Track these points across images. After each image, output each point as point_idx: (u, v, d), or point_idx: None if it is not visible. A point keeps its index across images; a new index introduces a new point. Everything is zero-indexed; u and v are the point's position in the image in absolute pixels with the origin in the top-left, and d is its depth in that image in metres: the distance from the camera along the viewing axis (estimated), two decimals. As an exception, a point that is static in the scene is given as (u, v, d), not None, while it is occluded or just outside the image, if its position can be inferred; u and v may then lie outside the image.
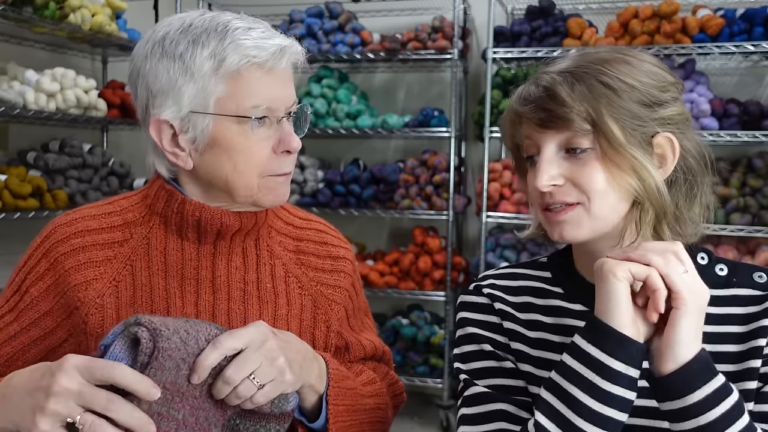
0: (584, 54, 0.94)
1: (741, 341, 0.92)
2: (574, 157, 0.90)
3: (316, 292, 1.15)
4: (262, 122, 1.01)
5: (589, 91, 0.88)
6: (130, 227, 1.09)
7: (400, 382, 1.27)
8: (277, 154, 1.04)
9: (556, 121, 0.89)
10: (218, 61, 0.98)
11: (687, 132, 0.94)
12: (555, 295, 1.01)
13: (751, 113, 3.24)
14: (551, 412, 0.84)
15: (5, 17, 2.61)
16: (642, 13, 3.32)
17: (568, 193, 0.91)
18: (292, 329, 1.11)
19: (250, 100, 1.00)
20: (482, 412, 0.96)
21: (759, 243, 3.33)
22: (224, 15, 1.03)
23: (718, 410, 0.79)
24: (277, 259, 1.14)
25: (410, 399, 1.44)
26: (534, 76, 0.95)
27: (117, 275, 1.06)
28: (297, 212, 1.23)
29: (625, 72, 0.90)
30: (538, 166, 0.91)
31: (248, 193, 1.04)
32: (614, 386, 0.81)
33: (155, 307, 1.06)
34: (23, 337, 1.05)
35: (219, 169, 1.03)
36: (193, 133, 1.02)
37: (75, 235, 1.07)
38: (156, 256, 1.07)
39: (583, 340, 0.84)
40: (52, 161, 2.90)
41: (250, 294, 1.10)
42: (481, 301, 1.03)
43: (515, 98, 0.95)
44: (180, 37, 1.01)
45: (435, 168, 3.73)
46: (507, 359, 1.00)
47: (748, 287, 0.95)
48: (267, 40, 1.00)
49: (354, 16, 3.87)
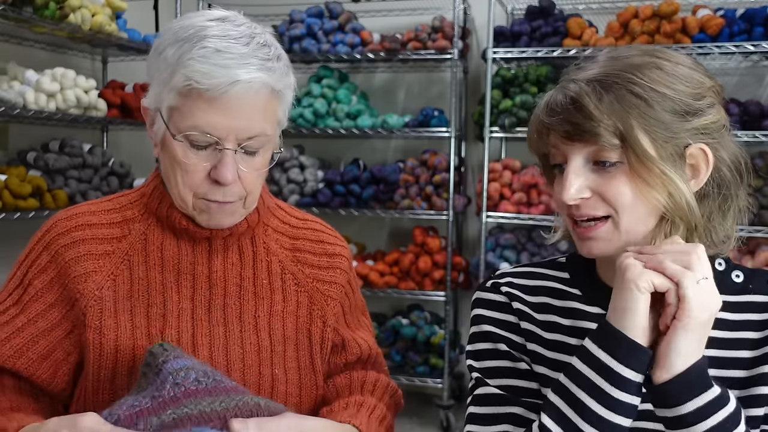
0: (614, 58, 0.90)
1: (755, 347, 0.91)
2: (602, 170, 0.87)
3: (312, 289, 1.16)
4: (205, 146, 1.00)
5: (618, 103, 0.84)
6: (129, 224, 1.11)
7: (399, 390, 1.27)
8: (210, 180, 1.02)
9: (583, 134, 0.86)
10: (172, 73, 0.98)
11: (723, 140, 0.90)
12: (573, 297, 0.99)
13: (751, 113, 3.24)
14: (558, 415, 0.84)
15: (5, 17, 2.61)
16: (642, 13, 3.32)
17: (596, 206, 0.88)
18: (288, 325, 1.12)
19: (190, 121, 0.99)
20: (492, 413, 0.95)
21: (759, 243, 3.33)
22: (217, 28, 1.00)
23: (711, 421, 0.79)
24: (274, 256, 1.15)
25: (410, 399, 1.44)
26: (562, 83, 0.92)
27: (115, 269, 1.07)
28: (294, 212, 1.23)
29: (657, 79, 0.85)
30: (565, 178, 0.89)
31: (184, 207, 1.06)
32: (623, 393, 0.81)
33: (151, 301, 1.07)
34: (31, 329, 1.05)
35: (165, 172, 1.06)
36: (156, 128, 1.04)
37: (75, 228, 1.08)
38: (153, 251, 1.09)
39: (594, 345, 0.83)
40: (52, 161, 2.90)
41: (246, 290, 1.11)
42: (498, 299, 1.02)
43: (542, 107, 0.92)
44: (170, 36, 1.01)
45: (435, 168, 3.72)
46: (522, 360, 0.98)
47: (764, 294, 0.94)
48: (222, 69, 0.96)
49: (354, 16, 3.87)
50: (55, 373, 1.06)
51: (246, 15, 1.06)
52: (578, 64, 0.93)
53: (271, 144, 1.06)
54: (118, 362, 1.04)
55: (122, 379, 1.03)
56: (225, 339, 1.08)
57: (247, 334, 1.09)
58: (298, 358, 1.12)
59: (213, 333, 1.08)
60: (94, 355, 1.04)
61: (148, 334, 1.05)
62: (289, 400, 1.10)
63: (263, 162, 1.05)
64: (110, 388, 1.04)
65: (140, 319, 1.06)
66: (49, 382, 1.06)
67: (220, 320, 1.09)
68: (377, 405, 1.16)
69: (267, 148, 1.05)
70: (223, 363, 1.07)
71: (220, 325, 1.08)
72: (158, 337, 1.05)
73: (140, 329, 1.05)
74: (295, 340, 1.13)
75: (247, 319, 1.10)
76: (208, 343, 1.07)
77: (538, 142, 0.94)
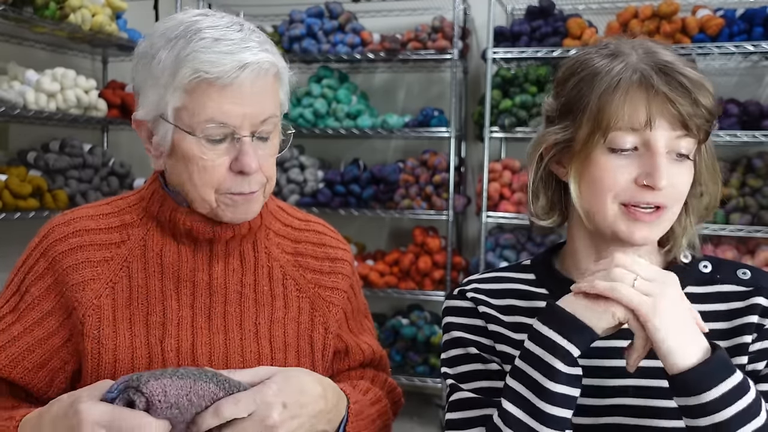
0: (669, 48, 0.92)
1: (726, 337, 0.92)
2: (676, 161, 0.90)
3: (313, 295, 1.14)
4: (220, 138, 0.99)
5: (709, 100, 0.88)
6: (128, 229, 1.09)
7: (398, 388, 1.27)
8: (233, 173, 1.01)
9: (694, 122, 0.87)
10: (173, 71, 0.97)
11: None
12: (539, 297, 1.01)
13: (751, 113, 3.24)
14: (516, 398, 0.86)
15: (5, 17, 2.61)
16: (642, 13, 3.32)
17: (663, 195, 0.89)
18: (290, 332, 1.11)
19: (203, 114, 0.97)
20: (467, 417, 0.97)
21: (759, 243, 3.33)
22: (206, 20, 1.00)
23: (734, 408, 0.78)
24: (275, 262, 1.13)
25: (410, 399, 1.44)
26: (647, 58, 0.89)
27: (114, 276, 1.05)
28: (295, 213, 1.22)
29: (708, 83, 0.89)
30: (657, 164, 0.87)
31: (206, 207, 1.03)
32: (566, 366, 0.83)
33: (151, 309, 1.05)
34: (27, 338, 1.04)
35: (178, 177, 1.03)
36: (159, 136, 1.02)
37: (73, 234, 1.06)
38: (152, 258, 1.07)
39: (541, 324, 0.86)
40: (52, 161, 2.90)
41: (247, 297, 1.09)
42: (465, 305, 1.04)
43: (645, 73, 0.88)
44: (159, 38, 0.99)
45: (435, 168, 3.73)
46: (493, 361, 1.00)
47: (732, 284, 0.95)
48: (227, 56, 0.95)
49: (354, 16, 3.87)
50: (51, 381, 1.05)
51: (246, 15, 1.06)
52: (645, 44, 0.93)
53: (279, 128, 1.06)
54: (116, 372, 1.02)
55: None
56: (225, 347, 1.06)
57: (248, 342, 1.08)
58: (299, 364, 1.10)
59: (213, 341, 1.06)
60: (93, 364, 1.02)
61: (147, 343, 1.04)
62: None
63: (275, 146, 1.06)
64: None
65: (139, 327, 1.04)
66: (45, 391, 1.05)
67: (221, 328, 1.07)
68: (371, 388, 1.16)
69: (276, 132, 1.05)
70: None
71: (221, 333, 1.06)
72: (157, 346, 1.03)
73: (139, 338, 1.03)
74: (296, 347, 1.11)
75: (248, 327, 1.08)
76: (208, 352, 1.05)
77: (599, 117, 0.89)
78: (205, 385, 0.87)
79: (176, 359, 1.04)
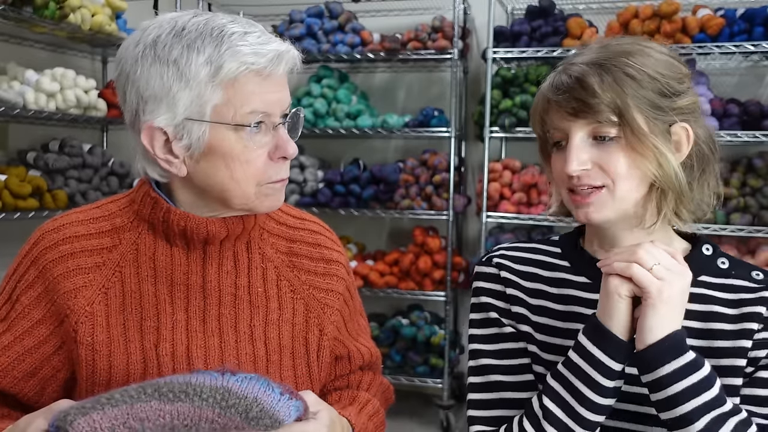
0: (608, 46, 1.00)
1: (734, 321, 0.99)
2: (601, 144, 0.97)
3: (308, 296, 1.14)
4: (258, 129, 1.00)
5: (617, 83, 0.95)
6: (119, 233, 1.07)
7: (390, 386, 1.28)
8: (273, 161, 1.02)
9: (587, 110, 0.96)
10: (215, 68, 0.96)
11: (699, 120, 1.01)
12: (562, 269, 1.09)
13: (751, 113, 3.24)
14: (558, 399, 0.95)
15: (5, 17, 2.61)
16: (642, 13, 3.32)
17: (594, 177, 0.98)
18: (284, 334, 1.10)
19: (247, 106, 0.98)
20: (485, 381, 1.08)
21: (759, 243, 3.33)
22: (218, 18, 1.00)
23: (686, 382, 0.89)
24: (269, 263, 1.12)
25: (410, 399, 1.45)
26: (563, 66, 1.02)
27: (106, 282, 1.04)
28: (290, 211, 1.21)
29: (647, 64, 0.96)
30: (568, 152, 0.98)
31: (244, 201, 1.03)
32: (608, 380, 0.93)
33: (145, 314, 1.04)
34: (17, 347, 1.03)
35: (214, 177, 1.01)
36: (188, 140, 0.99)
37: (63, 241, 1.05)
38: (145, 261, 1.06)
39: (587, 340, 0.94)
40: (52, 161, 2.90)
41: (241, 299, 1.08)
42: (489, 270, 1.11)
43: (547, 86, 1.02)
44: (173, 42, 0.97)
45: (435, 168, 3.72)
46: (508, 325, 1.08)
47: (745, 280, 1.03)
48: (264, 46, 0.98)
49: (354, 16, 3.87)
50: (42, 390, 1.04)
51: (246, 15, 1.06)
52: (574, 53, 1.04)
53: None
54: (111, 378, 1.01)
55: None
56: (220, 350, 1.06)
57: (243, 344, 1.07)
58: (294, 366, 1.10)
59: (208, 344, 1.05)
60: (87, 371, 1.02)
61: (142, 348, 1.03)
62: None
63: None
64: None
65: (133, 333, 1.03)
66: (36, 400, 1.04)
67: (215, 331, 1.06)
68: (370, 400, 1.16)
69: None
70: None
71: (215, 336, 1.06)
72: (152, 351, 1.03)
73: (134, 343, 1.03)
74: (291, 349, 1.10)
75: (243, 329, 1.08)
76: (203, 355, 1.05)
77: (541, 117, 1.03)
78: (145, 405, 0.83)
79: (171, 363, 1.03)
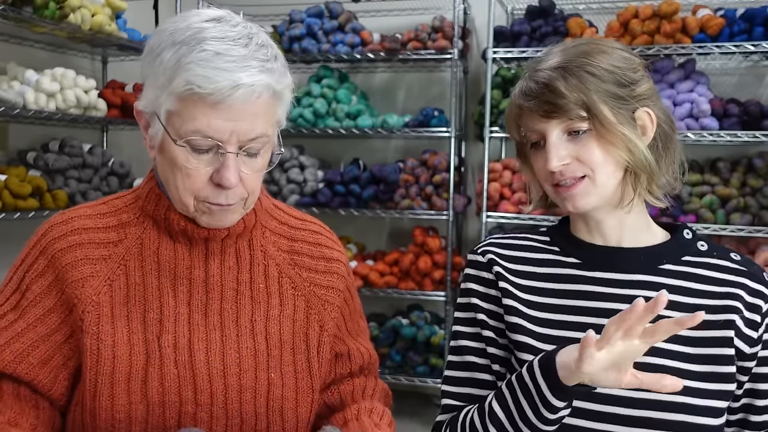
0: (567, 49, 1.08)
1: (715, 297, 1.07)
2: (576, 138, 1.05)
3: (309, 293, 1.15)
4: (203, 149, 0.99)
5: (580, 82, 1.03)
6: (125, 228, 1.10)
7: (389, 390, 1.30)
8: (213, 184, 1.01)
9: (558, 111, 1.04)
10: (170, 78, 0.96)
11: (657, 102, 1.10)
12: (551, 252, 1.16)
13: (751, 113, 3.23)
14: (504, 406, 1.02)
15: (5, 17, 2.61)
16: (642, 13, 3.32)
17: (575, 169, 1.06)
18: (285, 329, 1.12)
19: (191, 125, 0.97)
20: (460, 360, 1.17)
21: (759, 243, 3.33)
22: (215, 29, 0.98)
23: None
24: (271, 260, 1.14)
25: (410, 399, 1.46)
26: (528, 73, 1.09)
27: (111, 274, 1.06)
28: (292, 212, 1.23)
29: (604, 60, 1.05)
30: (548, 151, 1.06)
31: (184, 209, 1.05)
32: (553, 415, 0.97)
33: (148, 306, 1.06)
34: (31, 334, 1.05)
35: (164, 175, 1.05)
36: (153, 131, 1.03)
37: (71, 232, 1.07)
38: (149, 256, 1.08)
39: (540, 376, 0.98)
40: (52, 161, 2.90)
41: (243, 294, 1.10)
42: (477, 258, 1.18)
43: (517, 94, 1.10)
44: (167, 38, 0.99)
45: (435, 168, 3.72)
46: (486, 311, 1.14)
47: (725, 259, 1.11)
48: (223, 73, 0.94)
49: (354, 16, 3.87)
50: (55, 378, 1.05)
51: (246, 15, 1.05)
52: (537, 59, 1.11)
53: (271, 145, 1.05)
54: (115, 369, 1.03)
55: (120, 385, 1.02)
56: (221, 343, 1.07)
57: (244, 338, 1.09)
58: (295, 362, 1.12)
59: (209, 338, 1.07)
60: (92, 361, 1.03)
61: (144, 340, 1.04)
62: (285, 404, 1.09)
63: (264, 163, 1.05)
64: (108, 395, 1.03)
65: (137, 324, 1.05)
66: (49, 387, 1.05)
67: (217, 325, 1.08)
68: (385, 410, 1.19)
69: (267, 149, 1.04)
70: (220, 368, 1.06)
71: (217, 330, 1.08)
72: (155, 343, 1.04)
73: (137, 335, 1.04)
74: (292, 344, 1.12)
75: (244, 324, 1.09)
76: (204, 348, 1.06)
77: (516, 123, 1.12)
78: None
79: (173, 355, 1.05)
